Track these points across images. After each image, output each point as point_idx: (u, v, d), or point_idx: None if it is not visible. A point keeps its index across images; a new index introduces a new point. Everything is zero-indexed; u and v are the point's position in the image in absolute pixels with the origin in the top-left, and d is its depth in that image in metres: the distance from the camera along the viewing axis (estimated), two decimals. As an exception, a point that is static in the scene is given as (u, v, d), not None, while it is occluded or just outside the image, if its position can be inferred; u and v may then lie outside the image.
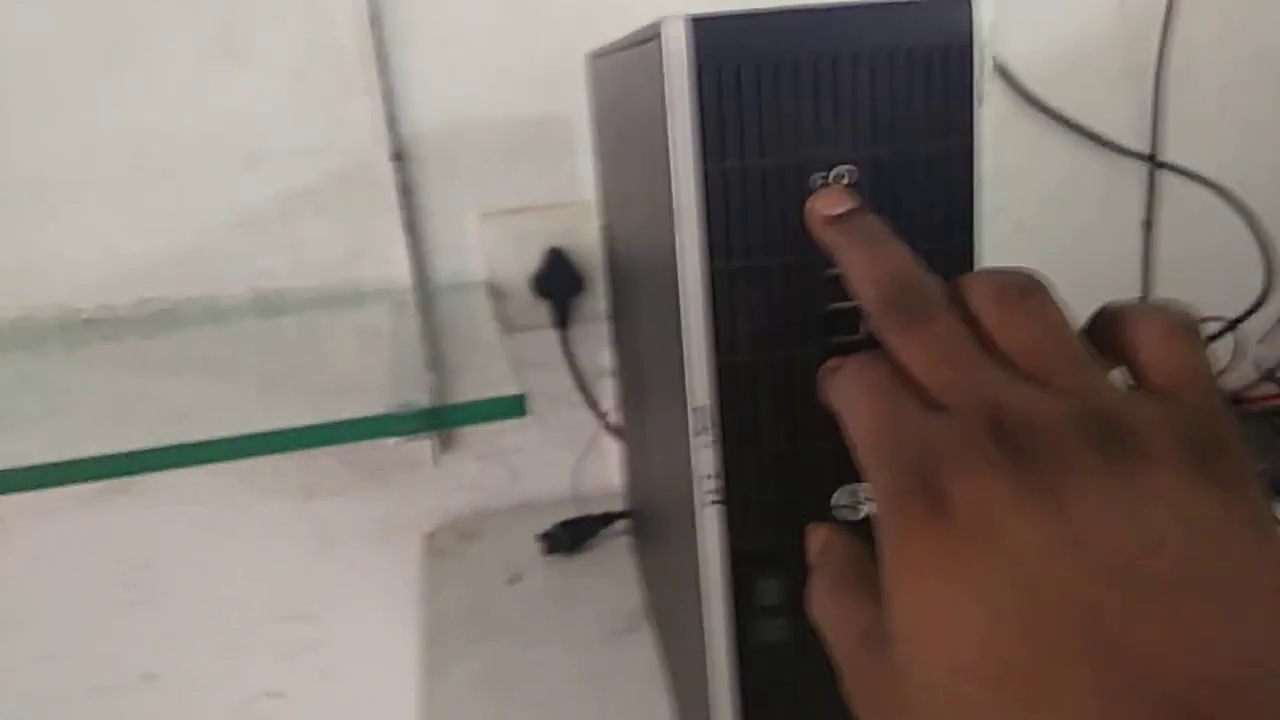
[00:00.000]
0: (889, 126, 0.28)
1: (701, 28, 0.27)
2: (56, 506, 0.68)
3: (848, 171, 0.28)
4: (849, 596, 0.25)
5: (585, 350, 0.70)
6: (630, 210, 0.43)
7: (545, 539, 0.68)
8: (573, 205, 0.67)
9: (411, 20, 0.63)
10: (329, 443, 0.46)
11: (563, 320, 0.69)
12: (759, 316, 0.29)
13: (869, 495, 0.31)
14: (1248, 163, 0.74)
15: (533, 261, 0.68)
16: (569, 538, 0.68)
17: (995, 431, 0.21)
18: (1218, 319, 0.70)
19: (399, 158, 0.65)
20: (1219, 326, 0.70)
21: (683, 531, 0.35)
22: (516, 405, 0.44)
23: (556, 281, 0.68)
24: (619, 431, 0.69)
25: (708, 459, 0.31)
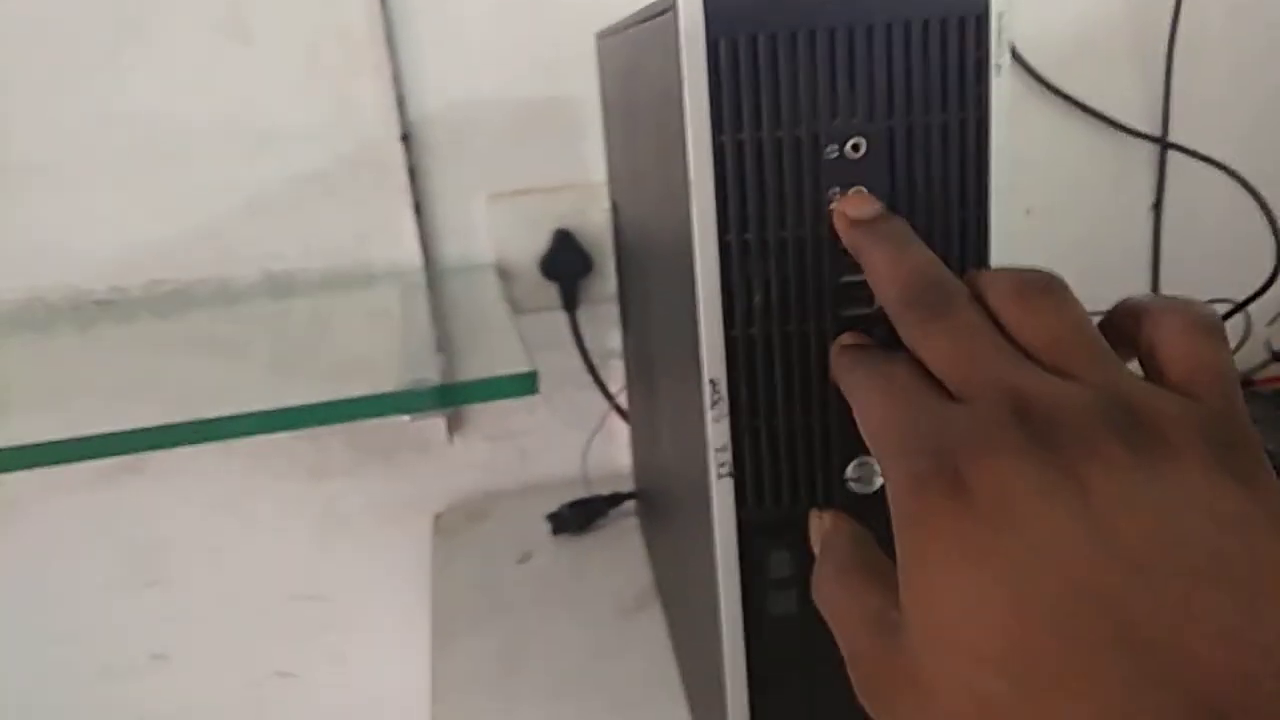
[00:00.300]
0: (903, 98, 0.28)
1: (715, 0, 0.27)
2: (68, 487, 0.68)
3: (861, 143, 0.29)
4: (856, 581, 0.25)
5: (594, 332, 0.70)
6: (641, 188, 0.43)
7: (554, 519, 0.68)
8: (581, 187, 0.67)
9: (420, 1, 0.63)
10: (340, 420, 0.46)
11: (571, 302, 0.69)
12: (771, 289, 0.30)
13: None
14: (1258, 144, 0.74)
15: (541, 243, 0.68)
16: (578, 518, 0.68)
17: (1018, 416, 0.21)
18: (1227, 300, 0.70)
19: (408, 139, 0.65)
20: (1228, 308, 0.69)
21: (694, 507, 0.36)
22: (527, 382, 0.44)
23: (565, 263, 0.68)
24: (627, 413, 0.69)
25: (720, 432, 0.31)
